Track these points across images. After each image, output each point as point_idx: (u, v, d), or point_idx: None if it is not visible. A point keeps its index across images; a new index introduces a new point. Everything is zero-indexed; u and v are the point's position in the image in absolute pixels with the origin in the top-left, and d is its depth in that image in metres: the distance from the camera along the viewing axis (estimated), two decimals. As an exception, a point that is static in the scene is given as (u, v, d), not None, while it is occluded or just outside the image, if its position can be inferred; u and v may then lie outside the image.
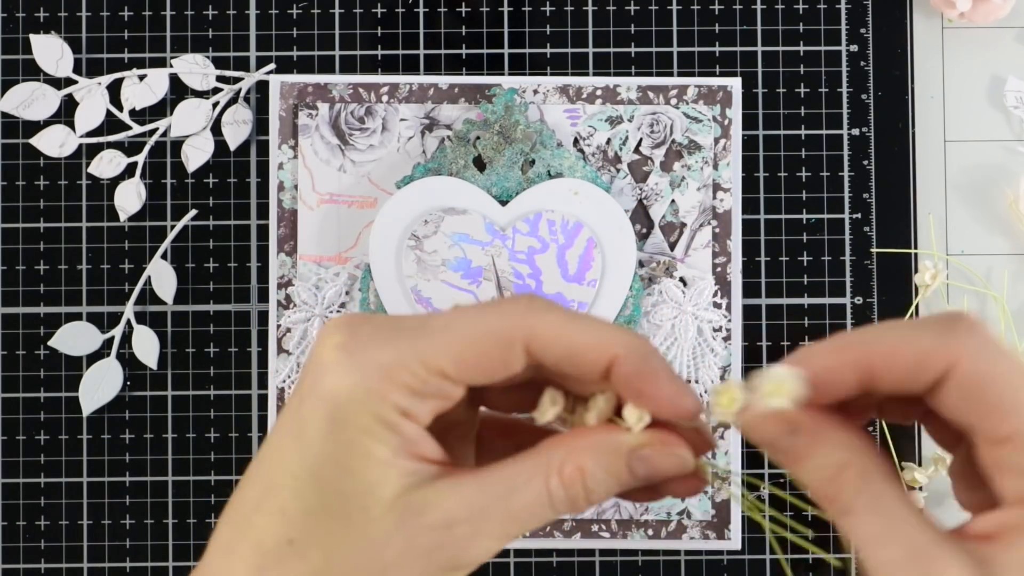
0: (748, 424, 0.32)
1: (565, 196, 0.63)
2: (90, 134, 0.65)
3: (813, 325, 0.65)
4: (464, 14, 0.66)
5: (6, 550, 0.64)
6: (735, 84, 0.64)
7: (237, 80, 0.65)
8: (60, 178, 0.65)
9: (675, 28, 0.66)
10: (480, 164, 0.63)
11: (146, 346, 0.64)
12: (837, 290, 0.65)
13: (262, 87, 0.65)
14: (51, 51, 0.65)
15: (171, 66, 0.65)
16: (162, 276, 0.64)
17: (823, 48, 0.65)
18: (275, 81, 0.64)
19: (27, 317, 0.65)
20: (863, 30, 0.65)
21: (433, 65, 0.66)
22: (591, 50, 0.65)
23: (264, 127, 0.65)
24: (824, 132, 0.65)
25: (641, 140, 0.64)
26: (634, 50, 0.65)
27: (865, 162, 0.65)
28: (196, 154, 0.65)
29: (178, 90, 0.65)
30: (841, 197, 0.65)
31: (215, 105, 0.65)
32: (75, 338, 0.64)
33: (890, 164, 0.65)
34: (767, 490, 0.60)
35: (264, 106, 0.65)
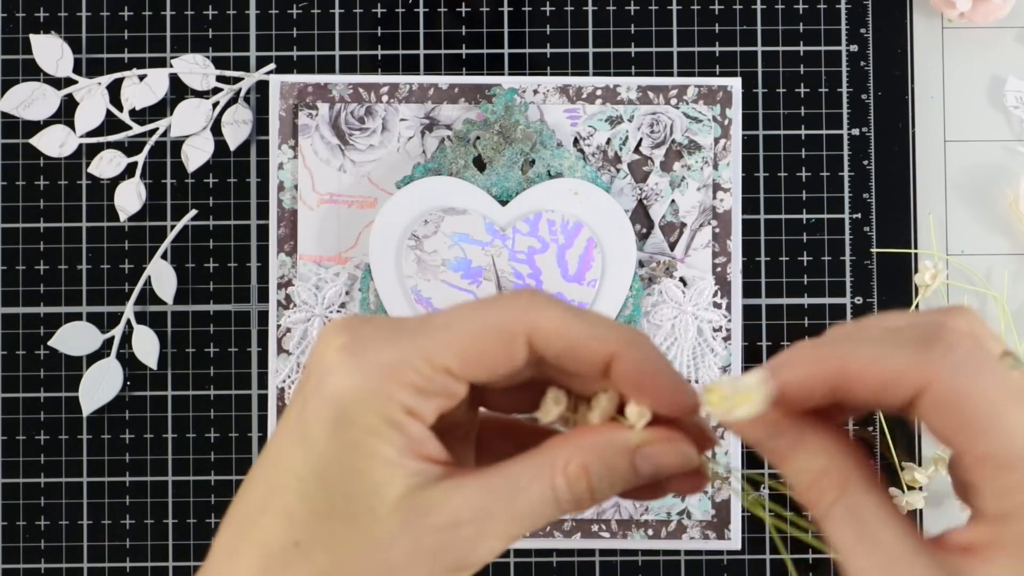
0: (731, 426, 0.32)
1: (565, 196, 0.63)
2: (90, 134, 0.65)
3: (813, 325, 0.65)
4: (464, 14, 0.66)
5: (6, 550, 0.64)
6: (735, 84, 0.64)
7: (237, 80, 0.65)
8: (60, 178, 0.65)
9: (675, 28, 0.66)
10: (480, 164, 0.63)
11: (146, 346, 0.64)
12: (837, 290, 0.65)
13: (262, 87, 0.65)
14: (51, 51, 0.65)
15: (171, 66, 0.65)
16: (162, 276, 0.64)
17: (823, 48, 0.65)
18: (275, 81, 0.64)
19: (27, 317, 0.65)
20: (863, 30, 0.65)
21: (433, 65, 0.66)
22: (591, 50, 0.65)
23: (264, 127, 0.65)
24: (824, 132, 0.65)
25: (641, 140, 0.64)
26: (634, 50, 0.65)
27: (865, 162, 0.65)
28: (196, 154, 0.65)
29: (178, 90, 0.65)
30: (841, 197, 0.65)
31: (215, 105, 0.65)
32: (75, 338, 0.64)
33: (890, 164, 0.65)
34: (767, 489, 0.60)
35: (264, 106, 0.65)
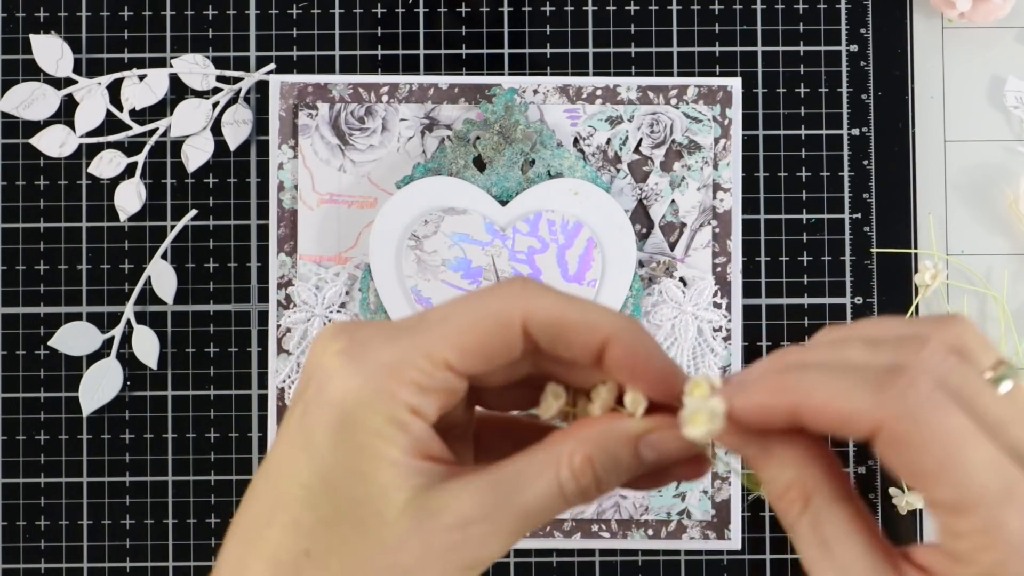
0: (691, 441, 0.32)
1: (565, 196, 0.63)
2: (90, 134, 0.65)
3: (813, 325, 0.65)
4: (464, 14, 0.66)
5: (6, 550, 0.64)
6: (735, 84, 0.64)
7: (237, 80, 0.65)
8: (60, 178, 0.65)
9: (675, 28, 0.66)
10: (480, 164, 0.63)
11: (146, 346, 0.64)
12: (837, 290, 0.65)
13: (262, 87, 0.65)
14: (51, 51, 0.65)
15: (171, 66, 0.65)
16: (162, 276, 0.64)
17: (823, 48, 0.65)
18: (275, 81, 0.64)
19: (27, 317, 0.65)
20: (863, 30, 0.65)
21: (433, 65, 0.66)
22: (591, 50, 0.65)
23: (264, 127, 0.65)
24: (824, 132, 0.65)
25: (641, 140, 0.64)
26: (634, 50, 0.65)
27: (865, 162, 0.65)
28: (196, 154, 0.65)
29: (178, 90, 0.65)
30: (841, 197, 0.65)
31: (215, 105, 0.65)
32: (75, 338, 0.64)
33: (890, 164, 0.65)
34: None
35: (264, 106, 0.65)
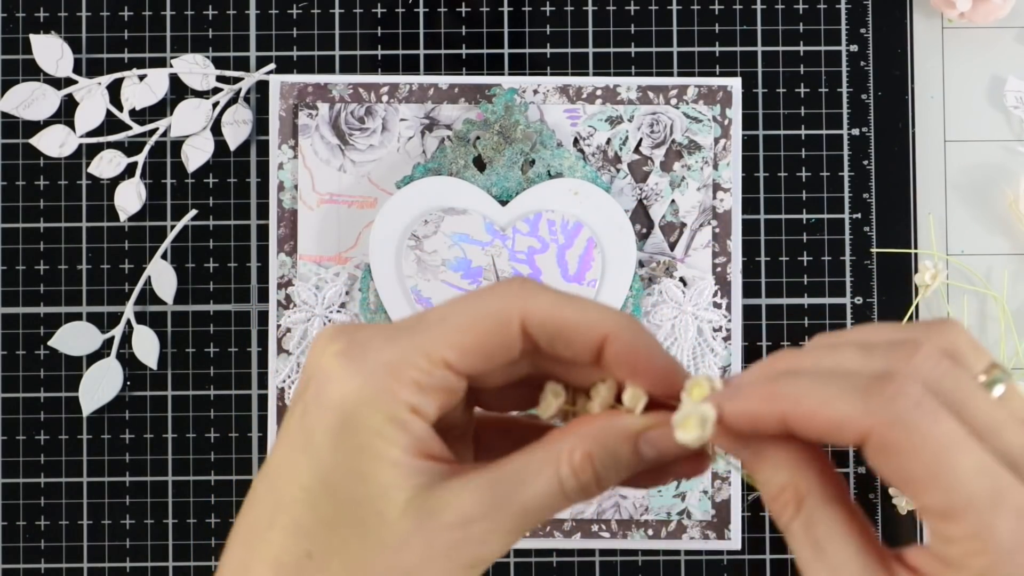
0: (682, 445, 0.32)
1: (565, 196, 0.63)
2: (90, 134, 0.65)
3: (813, 325, 0.65)
4: (464, 14, 0.66)
5: (6, 550, 0.64)
6: (735, 84, 0.64)
7: (237, 80, 0.65)
8: (60, 178, 0.65)
9: (675, 28, 0.66)
10: (480, 164, 0.63)
11: (146, 346, 0.64)
12: (837, 290, 0.65)
13: (262, 87, 0.65)
14: (51, 51, 0.65)
15: (171, 66, 0.65)
16: (162, 276, 0.64)
17: (823, 48, 0.65)
18: (275, 81, 0.64)
19: (27, 317, 0.65)
20: (863, 30, 0.65)
21: (433, 65, 0.66)
22: (591, 50, 0.65)
23: (264, 127, 0.65)
24: (824, 132, 0.65)
25: (641, 140, 0.64)
26: (634, 50, 0.65)
27: (865, 162, 0.65)
28: (196, 154, 0.65)
29: (178, 90, 0.65)
30: (841, 197, 0.65)
31: (215, 105, 0.65)
32: (75, 338, 0.64)
33: (890, 164, 0.65)
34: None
35: (264, 106, 0.65)
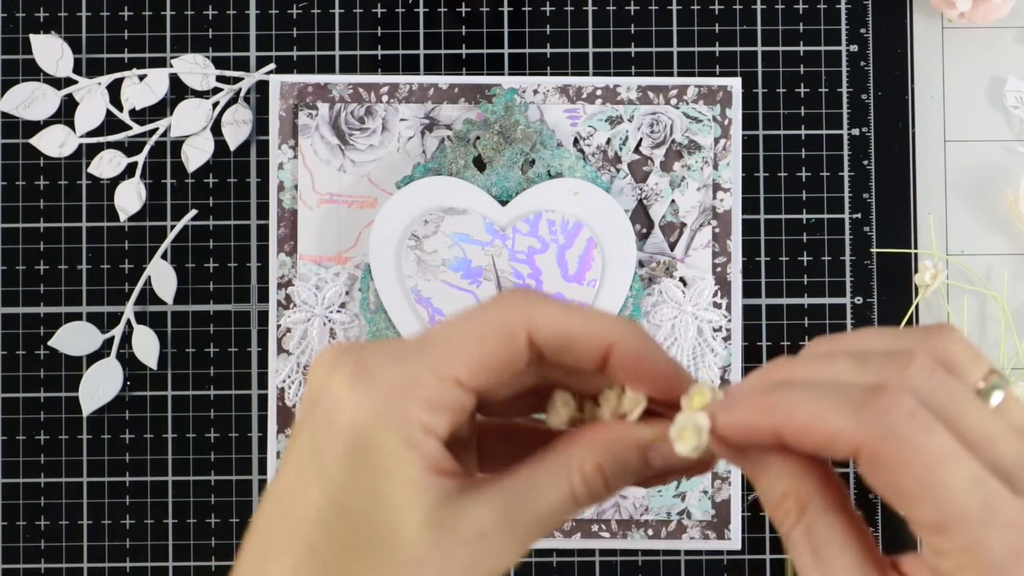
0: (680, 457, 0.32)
1: (565, 196, 0.63)
2: (90, 134, 0.65)
3: (813, 325, 0.65)
4: (464, 14, 0.66)
5: (6, 550, 0.64)
6: (735, 84, 0.64)
7: (237, 80, 0.65)
8: (60, 178, 0.65)
9: (675, 28, 0.66)
10: (480, 164, 0.63)
11: (146, 346, 0.64)
12: (837, 290, 0.65)
13: (262, 87, 0.65)
14: (51, 51, 0.65)
15: (171, 66, 0.65)
16: (162, 276, 0.64)
17: (823, 48, 0.65)
18: (275, 81, 0.64)
19: (27, 317, 0.65)
20: (863, 30, 0.65)
21: (433, 65, 0.66)
22: (591, 50, 0.65)
23: (264, 127, 0.65)
24: (824, 132, 0.65)
25: (641, 140, 0.64)
26: (634, 50, 0.65)
27: (865, 162, 0.65)
28: (196, 154, 0.65)
29: (178, 90, 0.65)
30: (841, 197, 0.65)
31: (215, 105, 0.65)
32: (75, 338, 0.64)
33: (890, 164, 0.65)
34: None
35: (264, 106, 0.65)
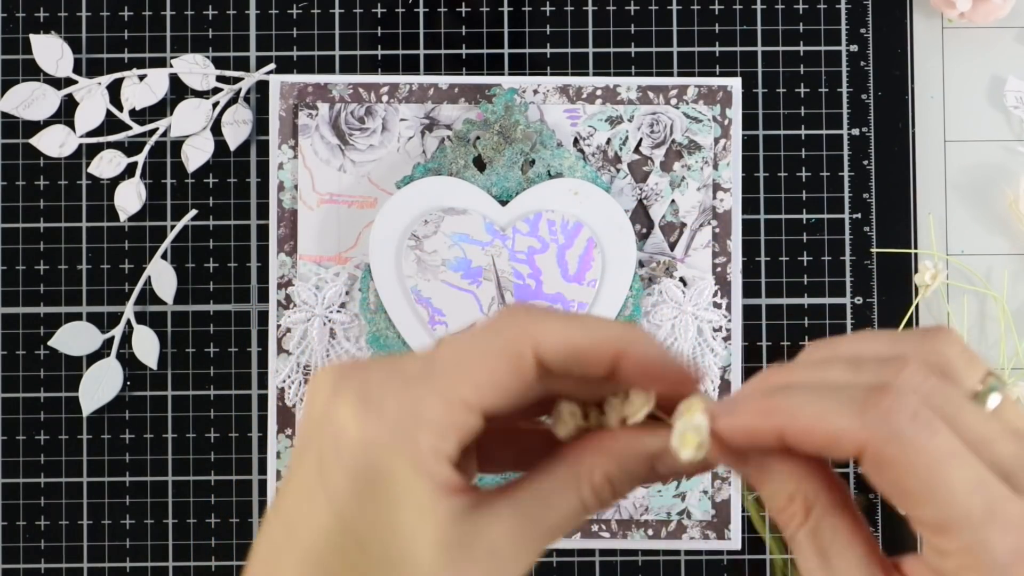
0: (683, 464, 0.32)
1: (565, 196, 0.63)
2: (90, 134, 0.65)
3: (813, 325, 0.65)
4: (464, 14, 0.66)
5: (6, 550, 0.64)
6: (735, 84, 0.64)
7: (237, 80, 0.65)
8: (60, 178, 0.65)
9: (675, 28, 0.66)
10: (480, 164, 0.63)
11: (146, 346, 0.64)
12: (837, 290, 0.65)
13: (262, 87, 0.65)
14: (51, 51, 0.65)
15: (171, 66, 0.65)
16: (162, 276, 0.64)
17: (823, 48, 0.65)
18: (275, 81, 0.64)
19: (27, 317, 0.65)
20: (863, 30, 0.65)
21: (433, 65, 0.66)
22: (591, 50, 0.65)
23: (264, 127, 0.65)
24: (824, 132, 0.65)
25: (641, 140, 0.64)
26: (634, 50, 0.65)
27: (865, 162, 0.65)
28: (196, 154, 0.65)
29: (178, 90, 0.65)
30: (841, 197, 0.65)
31: (215, 105, 0.65)
32: (75, 338, 0.64)
33: (890, 164, 0.65)
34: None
35: (264, 106, 0.65)
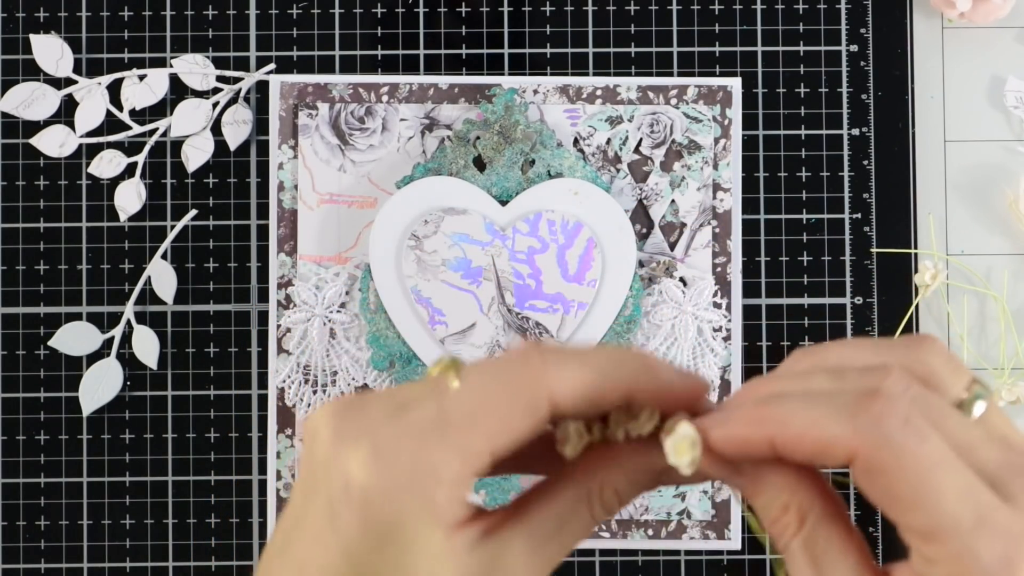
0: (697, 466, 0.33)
1: (565, 196, 0.63)
2: (90, 134, 0.65)
3: (813, 325, 0.65)
4: (464, 14, 0.66)
5: (6, 550, 0.64)
6: (735, 84, 0.64)
7: (237, 80, 0.65)
8: (60, 178, 0.65)
9: (675, 28, 0.66)
10: (480, 164, 0.63)
11: (146, 346, 0.64)
12: (837, 290, 0.65)
13: (262, 87, 0.65)
14: (51, 51, 0.65)
15: (171, 66, 0.65)
16: (162, 276, 0.64)
17: (823, 48, 0.65)
18: (275, 81, 0.64)
19: (27, 317, 0.65)
20: (863, 30, 0.65)
21: (433, 65, 0.66)
22: (591, 50, 0.65)
23: (264, 127, 0.65)
24: (824, 132, 0.65)
25: (641, 140, 0.64)
26: (634, 50, 0.65)
27: (865, 162, 0.65)
28: (196, 154, 0.65)
29: (178, 90, 0.65)
30: (841, 197, 0.65)
31: (215, 105, 0.65)
32: (75, 338, 0.64)
33: (890, 164, 0.65)
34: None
35: (264, 106, 0.65)
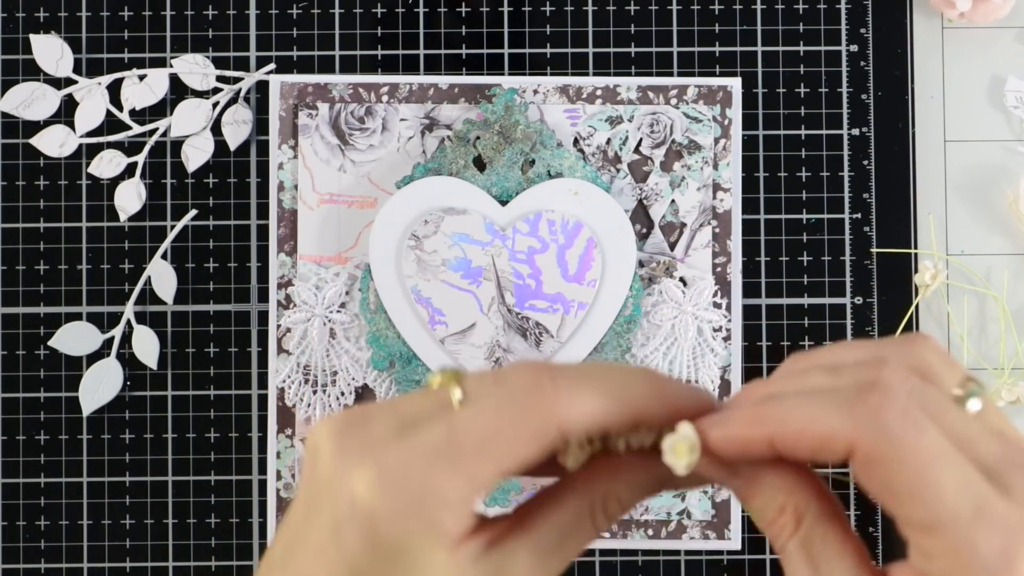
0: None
1: (565, 196, 0.63)
2: (90, 134, 0.65)
3: (813, 325, 0.65)
4: (464, 14, 0.66)
5: (6, 550, 0.64)
6: (735, 84, 0.64)
7: (237, 80, 0.65)
8: (60, 178, 0.65)
9: (675, 28, 0.66)
10: (480, 164, 0.63)
11: (146, 346, 0.64)
12: (837, 290, 0.65)
13: (262, 87, 0.65)
14: (51, 51, 0.65)
15: (171, 66, 0.65)
16: (162, 276, 0.64)
17: (823, 48, 0.65)
18: (275, 81, 0.64)
19: (27, 317, 0.65)
20: (863, 30, 0.65)
21: (433, 65, 0.66)
22: (591, 50, 0.65)
23: (264, 127, 0.65)
24: (824, 132, 0.65)
25: (641, 140, 0.64)
26: (634, 50, 0.65)
27: (865, 162, 0.65)
28: (196, 154, 0.65)
29: (178, 90, 0.65)
30: (841, 197, 0.65)
31: (215, 105, 0.65)
32: (75, 338, 0.64)
33: (890, 164, 0.65)
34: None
35: (264, 106, 0.65)
